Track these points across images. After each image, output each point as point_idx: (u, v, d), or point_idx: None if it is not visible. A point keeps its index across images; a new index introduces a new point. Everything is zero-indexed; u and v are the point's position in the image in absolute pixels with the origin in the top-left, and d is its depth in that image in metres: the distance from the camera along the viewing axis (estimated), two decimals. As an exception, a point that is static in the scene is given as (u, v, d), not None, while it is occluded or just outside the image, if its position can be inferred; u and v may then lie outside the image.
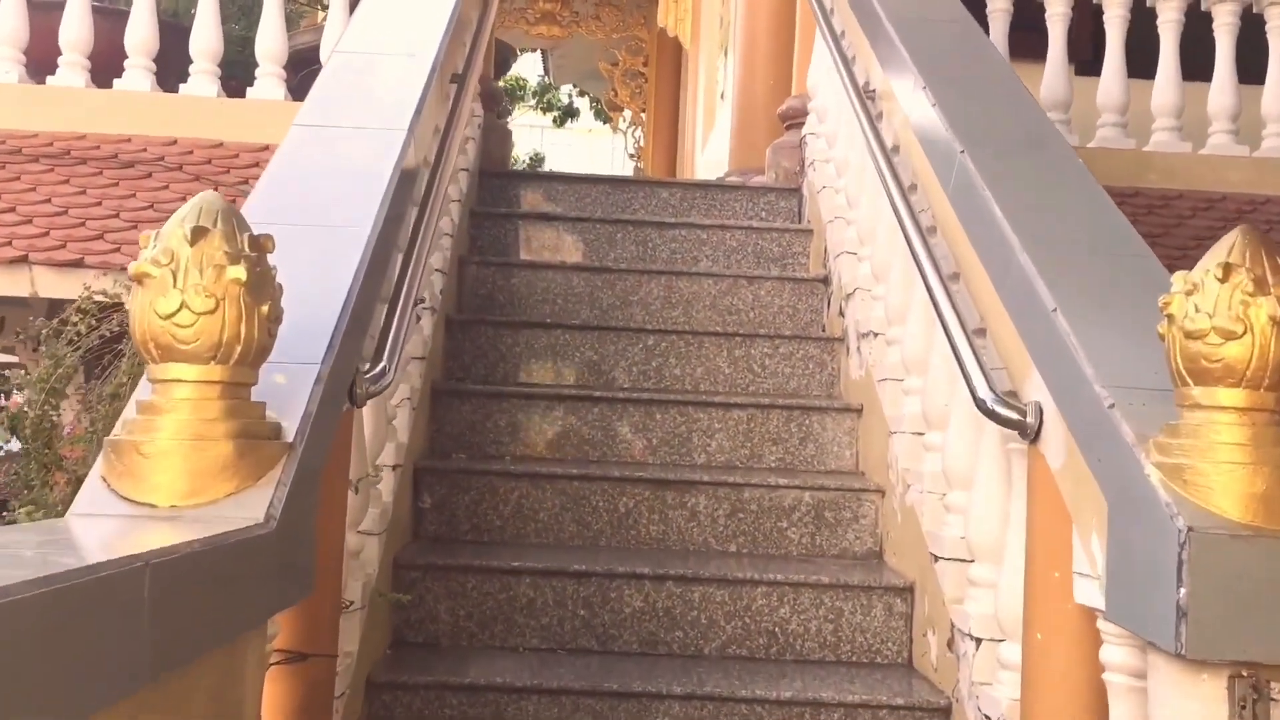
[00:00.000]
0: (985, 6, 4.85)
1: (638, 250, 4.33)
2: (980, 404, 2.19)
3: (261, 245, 1.63)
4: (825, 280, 4.08)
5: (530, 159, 23.03)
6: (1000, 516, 2.39)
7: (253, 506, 1.51)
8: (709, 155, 8.15)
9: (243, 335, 1.58)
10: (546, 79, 19.67)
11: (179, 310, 1.54)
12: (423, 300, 3.32)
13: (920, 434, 2.99)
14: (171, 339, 1.55)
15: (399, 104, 2.58)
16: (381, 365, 2.15)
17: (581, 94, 20.03)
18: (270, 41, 4.72)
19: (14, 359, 5.12)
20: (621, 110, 14.72)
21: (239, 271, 1.56)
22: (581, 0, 13.46)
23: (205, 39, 4.72)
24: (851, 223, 3.84)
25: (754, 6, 5.96)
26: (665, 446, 3.48)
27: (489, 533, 3.18)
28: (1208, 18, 5.01)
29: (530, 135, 30.75)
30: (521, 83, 21.73)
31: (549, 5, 13.47)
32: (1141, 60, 4.94)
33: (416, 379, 3.19)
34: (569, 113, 21.63)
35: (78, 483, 2.95)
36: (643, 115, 14.25)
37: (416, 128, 2.56)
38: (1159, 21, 4.82)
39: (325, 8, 5.29)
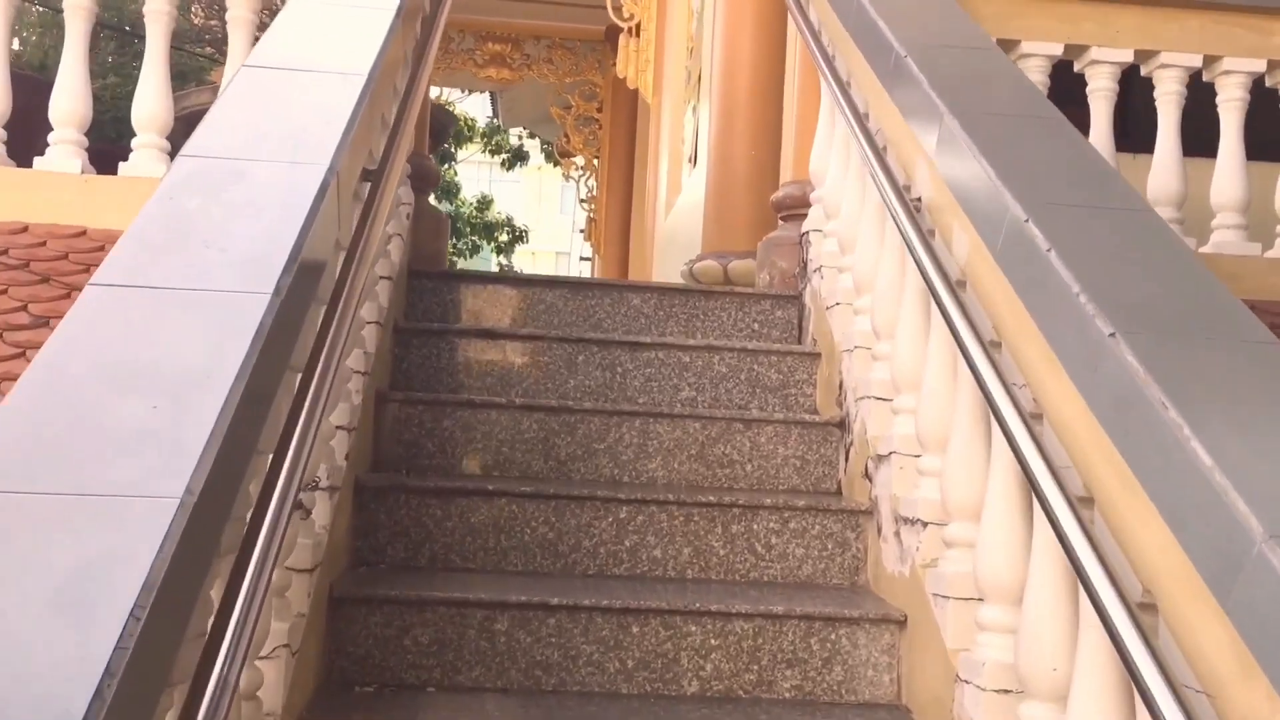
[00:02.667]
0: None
1: (604, 377, 3.46)
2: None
3: None
4: (842, 424, 3.24)
5: (478, 202, 22.12)
6: None
7: None
8: (676, 223, 7.32)
9: None
10: (495, 120, 18.83)
11: None
12: (316, 481, 2.42)
13: (1011, 692, 2.15)
14: None
15: (265, 254, 1.69)
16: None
17: (532, 136, 19.22)
18: (150, 105, 3.80)
19: None
20: (573, 157, 13.98)
21: None
22: (533, 43, 12.73)
23: (68, 102, 3.79)
24: (881, 359, 3.00)
25: (733, 62, 5.16)
26: (644, 671, 2.60)
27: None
28: None
29: (479, 175, 29.88)
30: (470, 122, 20.86)
31: (499, 47, 12.74)
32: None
33: (303, 597, 2.29)
34: (518, 155, 20.76)
35: None
36: (595, 163, 13.49)
37: (288, 281, 1.68)
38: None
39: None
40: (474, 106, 20.97)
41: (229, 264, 1.66)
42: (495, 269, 22.18)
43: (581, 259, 24.06)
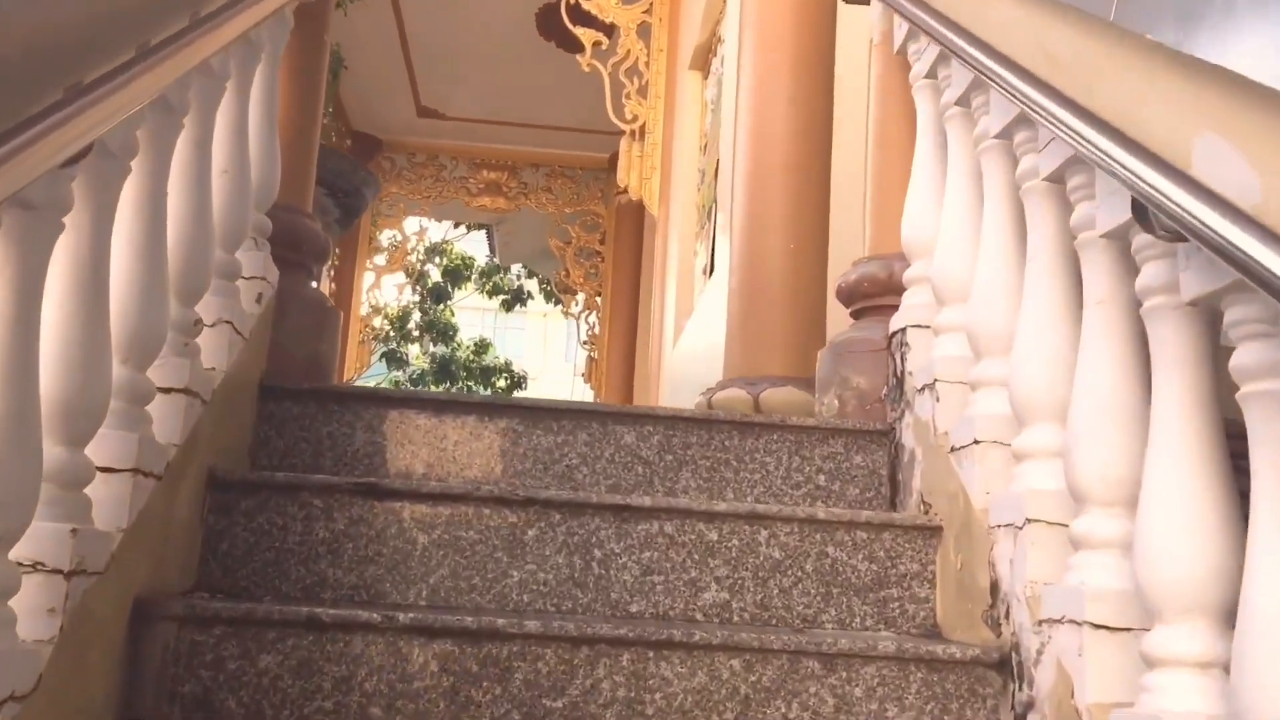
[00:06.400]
0: None
1: (571, 568, 1.99)
2: None
3: None
4: (1003, 664, 1.76)
5: (475, 345, 20.82)
6: None
7: None
8: (688, 350, 5.94)
9: None
10: (493, 259, 17.73)
11: None
12: None
13: None
14: None
15: None
16: None
17: (531, 275, 18.16)
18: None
19: None
20: (575, 293, 12.78)
21: None
22: (531, 171, 11.71)
23: None
24: (1100, 547, 1.54)
25: (763, 135, 3.80)
26: None
27: None
28: None
29: (482, 322, 28.70)
30: (468, 261, 19.76)
31: (494, 175, 11.72)
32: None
33: None
34: (518, 296, 19.59)
35: None
36: (598, 299, 12.29)
37: None
38: None
39: None
40: (472, 248, 19.92)
41: None
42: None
43: (583, 405, 22.64)
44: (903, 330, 2.37)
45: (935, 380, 2.15)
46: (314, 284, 2.69)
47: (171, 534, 1.81)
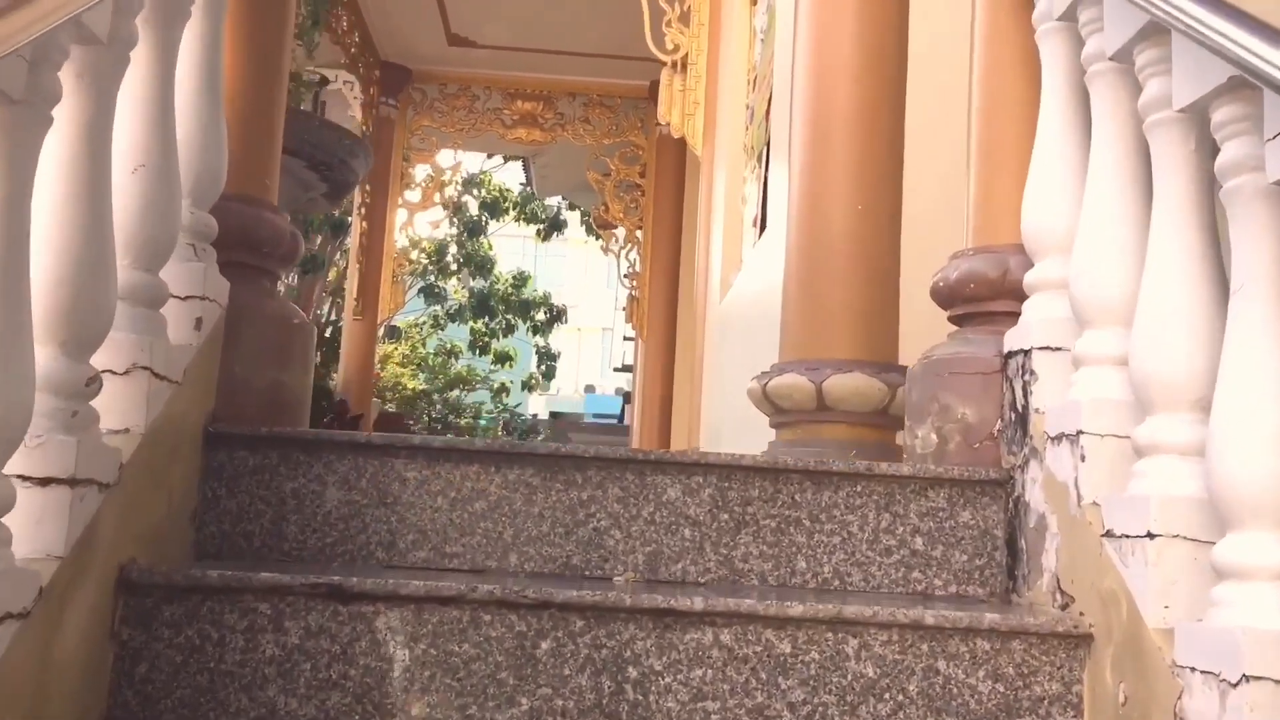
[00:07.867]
0: None
1: (599, 695, 1.51)
2: None
3: None
4: None
5: (513, 278, 20.24)
6: None
7: None
8: (736, 308, 5.39)
9: None
10: (529, 189, 17.10)
11: None
12: None
13: None
14: None
15: None
16: None
17: (572, 207, 17.52)
18: None
19: None
20: (614, 228, 12.20)
21: None
22: (567, 100, 11.09)
23: None
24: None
25: (826, 72, 3.22)
26: None
27: None
28: None
29: (522, 249, 28.11)
30: (506, 193, 19.13)
31: (529, 105, 11.12)
32: None
33: None
34: (555, 224, 18.96)
35: None
36: (638, 234, 11.72)
37: None
38: None
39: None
40: (509, 178, 19.30)
41: None
42: (533, 351, 20.38)
43: (625, 339, 22.16)
44: (1025, 352, 1.83)
45: (1079, 431, 1.62)
46: (284, 288, 2.19)
47: (53, 680, 1.34)
